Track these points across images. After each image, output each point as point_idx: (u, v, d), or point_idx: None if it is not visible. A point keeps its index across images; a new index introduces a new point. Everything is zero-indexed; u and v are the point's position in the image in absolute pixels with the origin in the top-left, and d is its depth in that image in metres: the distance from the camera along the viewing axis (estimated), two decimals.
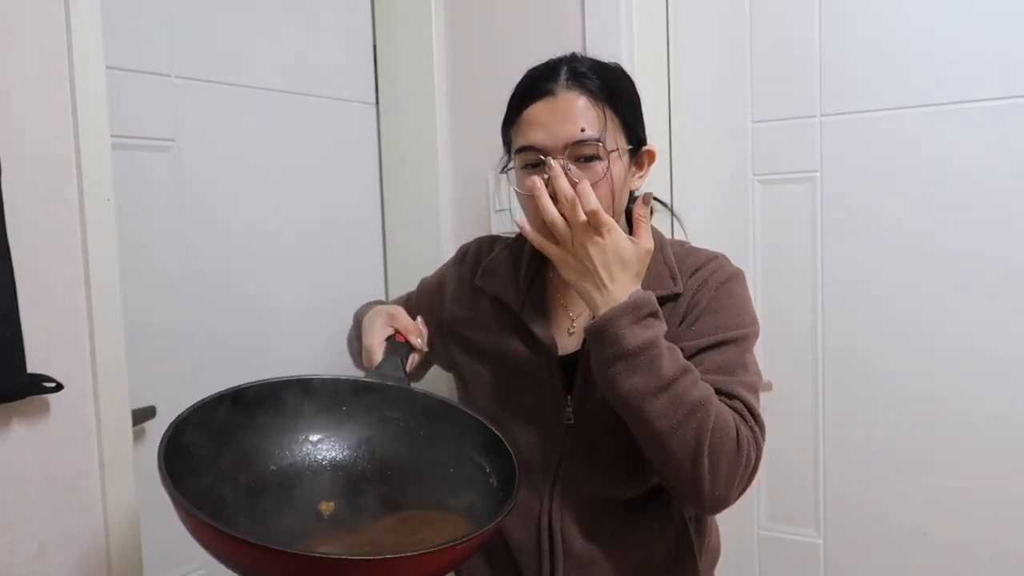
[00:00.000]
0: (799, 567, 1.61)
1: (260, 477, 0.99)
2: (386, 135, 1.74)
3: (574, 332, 1.14)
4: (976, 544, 1.45)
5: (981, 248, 1.42)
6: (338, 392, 1.06)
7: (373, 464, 1.06)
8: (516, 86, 1.10)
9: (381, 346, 1.13)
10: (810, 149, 1.54)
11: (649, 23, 1.58)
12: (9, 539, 1.00)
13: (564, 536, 1.09)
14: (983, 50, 1.39)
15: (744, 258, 1.61)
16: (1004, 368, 1.41)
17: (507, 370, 1.15)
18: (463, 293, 1.23)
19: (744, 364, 1.07)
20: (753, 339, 1.10)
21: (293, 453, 1.03)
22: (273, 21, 1.50)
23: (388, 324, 1.16)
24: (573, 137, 1.03)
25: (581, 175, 1.02)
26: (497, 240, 1.27)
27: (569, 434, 1.11)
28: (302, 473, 1.03)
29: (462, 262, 1.26)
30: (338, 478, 1.04)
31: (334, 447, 1.06)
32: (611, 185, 1.04)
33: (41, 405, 1.03)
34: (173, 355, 1.34)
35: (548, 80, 1.06)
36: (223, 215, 1.41)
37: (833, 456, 1.56)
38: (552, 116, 1.04)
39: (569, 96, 1.05)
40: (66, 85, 1.04)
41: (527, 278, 1.17)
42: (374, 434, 1.07)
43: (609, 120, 1.05)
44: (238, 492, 0.95)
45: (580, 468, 1.10)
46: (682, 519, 1.14)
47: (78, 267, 1.06)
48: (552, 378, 1.12)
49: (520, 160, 1.08)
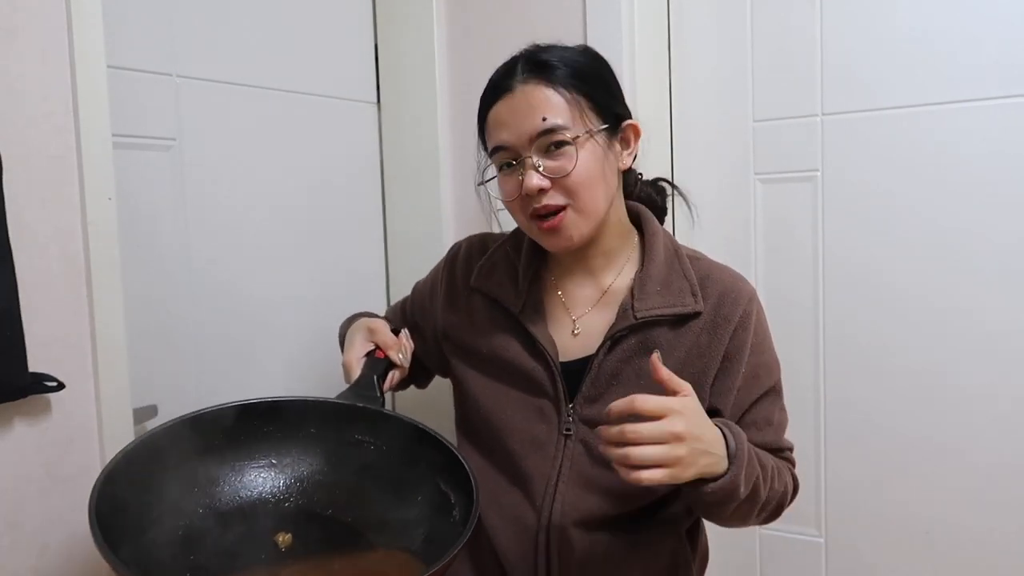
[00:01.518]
0: (801, 566, 1.61)
1: (218, 505, 0.96)
2: (387, 134, 1.74)
3: (579, 333, 1.10)
4: (978, 543, 1.45)
5: (983, 246, 1.41)
6: (306, 413, 1.03)
7: (337, 490, 1.02)
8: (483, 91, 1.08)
9: (359, 363, 1.11)
10: (811, 148, 1.54)
11: (650, 22, 1.57)
12: (11, 538, 1.00)
13: (561, 554, 1.05)
14: (985, 48, 1.39)
15: (745, 257, 1.61)
16: (1008, 368, 1.41)
17: (505, 376, 1.11)
18: (455, 296, 1.19)
19: (782, 407, 1.12)
20: (780, 372, 1.13)
21: (253, 480, 1.00)
22: (275, 20, 1.50)
23: (368, 339, 1.14)
24: (536, 128, 1.00)
25: (553, 166, 1.01)
26: (488, 238, 1.23)
27: (568, 445, 1.07)
28: (262, 501, 1.00)
29: (453, 263, 1.22)
30: (300, 505, 1.01)
31: (297, 471, 1.03)
32: (589, 168, 1.01)
33: (43, 404, 1.03)
34: (174, 354, 1.33)
35: (506, 77, 1.04)
36: (224, 214, 1.41)
37: (835, 455, 1.56)
38: (513, 113, 1.02)
39: (526, 89, 1.02)
40: (68, 84, 1.04)
41: (526, 278, 1.13)
42: (340, 458, 1.03)
43: (574, 103, 1.02)
44: (195, 520, 0.92)
45: (579, 482, 1.06)
46: (678, 532, 1.11)
47: (79, 266, 1.06)
48: (553, 385, 1.08)
49: (496, 162, 1.06)
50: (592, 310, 1.11)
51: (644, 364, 1.03)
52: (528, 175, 1.00)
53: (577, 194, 1.02)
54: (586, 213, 1.03)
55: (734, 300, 1.06)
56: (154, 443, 0.92)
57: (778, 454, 1.08)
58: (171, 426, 0.95)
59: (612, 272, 1.12)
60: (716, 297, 1.07)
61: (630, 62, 1.49)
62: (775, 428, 1.08)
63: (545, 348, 1.08)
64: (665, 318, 1.05)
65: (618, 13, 1.49)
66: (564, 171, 1.00)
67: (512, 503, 1.08)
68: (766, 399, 1.08)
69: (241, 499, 0.98)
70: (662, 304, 1.05)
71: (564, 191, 1.01)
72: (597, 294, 1.12)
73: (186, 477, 0.95)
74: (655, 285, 1.07)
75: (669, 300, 1.06)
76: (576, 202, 1.02)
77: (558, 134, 1.00)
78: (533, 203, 1.02)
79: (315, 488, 1.02)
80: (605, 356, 1.06)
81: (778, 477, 1.03)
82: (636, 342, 1.06)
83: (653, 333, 1.06)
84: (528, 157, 1.01)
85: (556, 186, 1.01)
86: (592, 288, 1.12)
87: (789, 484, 1.07)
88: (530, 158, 1.01)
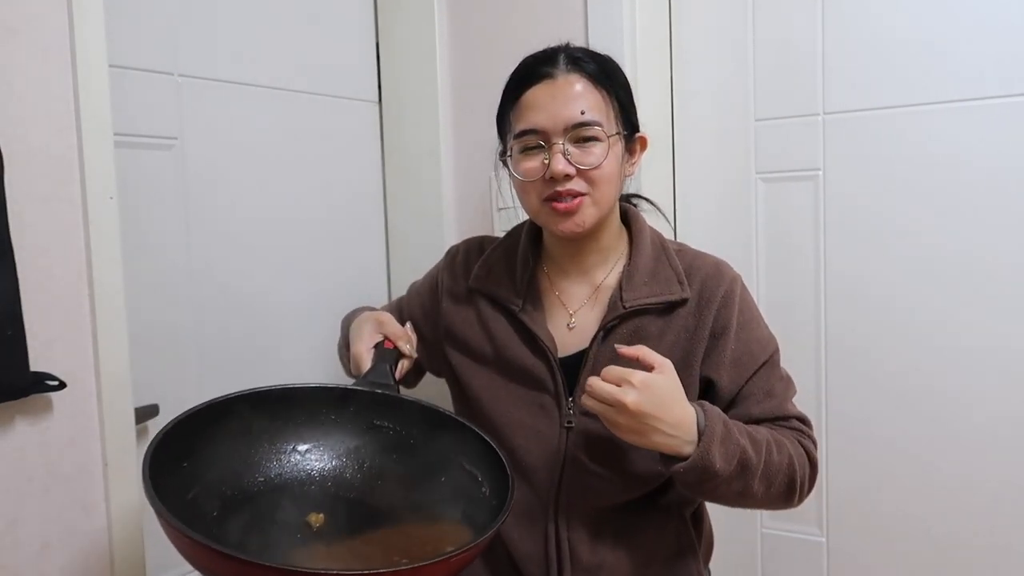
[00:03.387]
0: (802, 565, 1.61)
1: (247, 489, 0.97)
2: (389, 133, 1.74)
3: (574, 327, 1.13)
4: (979, 542, 1.45)
5: (984, 245, 1.41)
6: (325, 401, 1.05)
7: (362, 474, 1.04)
8: (514, 71, 1.10)
9: (369, 353, 1.12)
10: (812, 147, 1.54)
11: (651, 22, 1.57)
12: (12, 537, 1.00)
13: (571, 543, 1.09)
14: (986, 47, 1.39)
15: (747, 256, 1.61)
16: (1008, 364, 1.41)
17: (506, 373, 1.14)
18: (457, 296, 1.22)
19: (781, 377, 1.12)
20: (776, 346, 1.14)
21: (280, 464, 1.02)
22: (276, 19, 1.50)
23: (376, 331, 1.15)
24: (574, 119, 1.04)
25: (580, 157, 1.04)
26: (485, 241, 1.26)
27: (570, 438, 1.10)
28: (290, 484, 1.01)
29: (453, 264, 1.25)
30: (327, 489, 1.02)
31: (322, 457, 1.04)
32: (612, 165, 1.06)
33: (44, 403, 1.03)
34: (176, 353, 1.34)
35: (547, 64, 1.07)
36: (226, 213, 1.41)
37: (836, 454, 1.56)
38: (552, 99, 1.05)
39: (569, 79, 1.05)
40: (69, 83, 1.04)
41: (524, 277, 1.16)
42: (362, 443, 1.05)
43: (608, 104, 1.07)
44: (224, 505, 0.93)
45: (583, 473, 1.09)
46: (681, 516, 1.14)
47: (81, 265, 1.06)
48: (553, 380, 1.11)
49: (519, 144, 1.08)
50: (585, 306, 1.14)
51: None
52: (556, 159, 1.04)
53: (598, 186, 1.06)
54: (600, 205, 1.07)
55: (716, 282, 1.11)
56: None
57: (783, 422, 1.09)
58: (182, 418, 0.94)
59: (604, 269, 1.15)
60: (700, 282, 1.11)
61: (631, 61, 1.49)
62: (776, 398, 1.10)
63: (545, 344, 1.11)
64: (653, 306, 1.09)
65: (619, 12, 1.49)
66: (592, 164, 1.04)
67: (519, 498, 1.09)
68: (762, 371, 1.10)
69: (268, 481, 1.00)
70: (649, 293, 1.09)
71: (587, 181, 1.05)
72: (590, 291, 1.15)
73: (213, 460, 0.96)
74: (643, 276, 1.11)
75: (656, 289, 1.10)
76: (595, 193, 1.06)
77: (592, 129, 1.04)
78: (556, 186, 1.05)
79: (338, 474, 1.04)
80: (599, 347, 1.10)
81: (777, 449, 1.03)
82: (627, 331, 1.09)
83: (643, 321, 1.10)
84: (558, 143, 1.04)
85: (580, 176, 1.05)
86: (586, 286, 1.15)
87: (798, 455, 1.06)
88: (560, 144, 1.04)
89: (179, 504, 0.85)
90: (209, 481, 0.94)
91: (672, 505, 1.13)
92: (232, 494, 0.95)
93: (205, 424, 0.95)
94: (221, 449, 0.96)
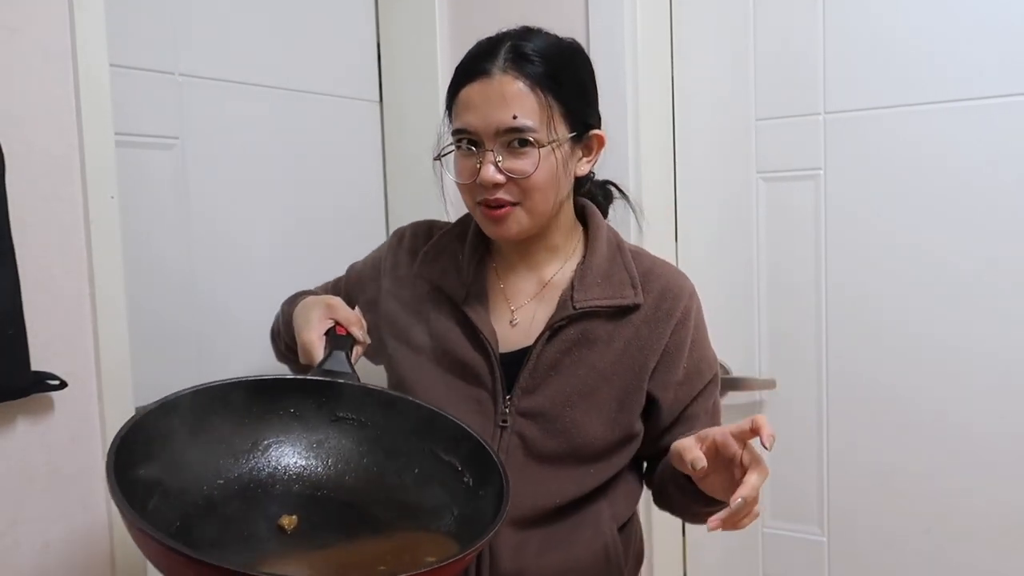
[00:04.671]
0: (803, 565, 1.61)
1: (210, 490, 0.90)
2: (390, 133, 1.74)
3: (517, 324, 1.09)
4: (978, 542, 1.45)
5: (985, 245, 1.41)
6: (282, 393, 0.98)
7: (329, 470, 0.97)
8: (458, 63, 1.05)
9: (321, 340, 1.04)
10: (813, 146, 1.54)
11: (652, 20, 1.57)
12: (13, 536, 1.00)
13: (493, 547, 1.02)
14: (986, 47, 1.39)
15: (747, 255, 1.61)
16: (1008, 366, 1.41)
17: (443, 364, 1.09)
18: (400, 280, 1.16)
19: (717, 399, 1.14)
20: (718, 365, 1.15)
21: (242, 463, 0.94)
22: (277, 19, 1.50)
23: (326, 316, 1.07)
24: (504, 124, 0.99)
25: (512, 164, 0.99)
26: (434, 226, 1.20)
27: (504, 437, 1.05)
28: (256, 484, 0.93)
29: (399, 246, 1.19)
30: (295, 489, 0.95)
31: (285, 453, 0.97)
32: (546, 174, 1.00)
33: (45, 403, 1.03)
34: (177, 353, 1.34)
35: (486, 60, 1.02)
36: (227, 213, 1.41)
37: (837, 454, 1.56)
38: (486, 100, 1.00)
39: (504, 79, 1.00)
40: (70, 83, 1.04)
41: (470, 268, 1.11)
42: (326, 437, 0.98)
43: (547, 108, 1.00)
44: (188, 508, 0.86)
45: (513, 473, 0.98)
46: (611, 527, 1.09)
47: (82, 265, 1.06)
48: (491, 376, 1.06)
49: (456, 141, 1.04)
50: (531, 302, 1.10)
51: (583, 355, 1.05)
52: (486, 167, 1.00)
53: (530, 195, 1.01)
54: (534, 214, 1.03)
55: (675, 296, 1.08)
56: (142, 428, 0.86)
57: None
58: (141, 416, 0.88)
59: (554, 265, 1.12)
60: (657, 292, 1.07)
61: (632, 60, 1.49)
62: (719, 417, 1.12)
63: (487, 338, 1.07)
64: (604, 309, 1.06)
65: (620, 10, 1.49)
66: (523, 173, 1.00)
67: None
68: (707, 391, 1.10)
69: (231, 481, 0.92)
70: (602, 295, 1.06)
71: (518, 189, 1.01)
72: (537, 287, 1.11)
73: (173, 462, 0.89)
74: (596, 277, 1.07)
75: (609, 292, 1.06)
76: (527, 202, 1.02)
77: (524, 134, 0.99)
78: (485, 193, 1.02)
79: (303, 470, 0.97)
80: (544, 347, 1.06)
81: None
82: (575, 333, 1.06)
83: (592, 324, 1.06)
84: (489, 150, 1.00)
85: (511, 183, 1.01)
86: (533, 281, 1.12)
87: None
88: (491, 151, 1.00)
89: (143, 510, 0.79)
90: (170, 484, 0.86)
91: (600, 514, 1.08)
92: (193, 500, 0.88)
93: (160, 425, 0.87)
94: (179, 449, 0.88)
